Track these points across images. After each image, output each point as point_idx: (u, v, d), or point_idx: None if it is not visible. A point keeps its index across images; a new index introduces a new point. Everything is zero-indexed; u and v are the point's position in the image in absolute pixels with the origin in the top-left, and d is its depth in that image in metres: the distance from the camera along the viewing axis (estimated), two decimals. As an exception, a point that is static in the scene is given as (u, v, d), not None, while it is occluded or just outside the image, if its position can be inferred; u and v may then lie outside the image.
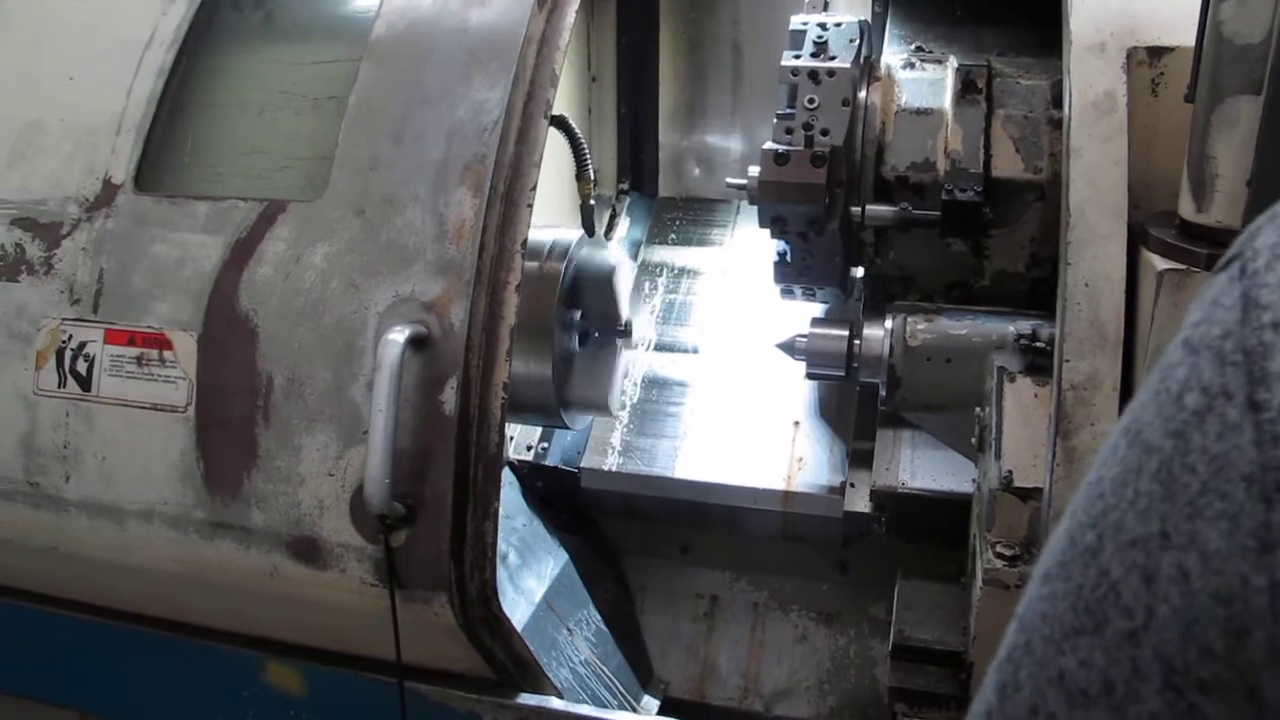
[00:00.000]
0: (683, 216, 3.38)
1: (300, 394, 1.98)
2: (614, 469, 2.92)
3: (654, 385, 3.05)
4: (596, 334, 2.53)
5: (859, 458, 2.76)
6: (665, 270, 3.27)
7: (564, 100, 2.89)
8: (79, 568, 2.21)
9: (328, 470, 1.97)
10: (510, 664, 2.15)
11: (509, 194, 1.98)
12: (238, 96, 2.22)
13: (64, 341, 2.12)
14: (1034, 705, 0.54)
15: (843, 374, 2.47)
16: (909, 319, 2.34)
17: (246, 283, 2.03)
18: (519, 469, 2.95)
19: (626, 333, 2.51)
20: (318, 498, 1.98)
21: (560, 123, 2.48)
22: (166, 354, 2.05)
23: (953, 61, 2.60)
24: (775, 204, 2.46)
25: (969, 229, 2.45)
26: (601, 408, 2.60)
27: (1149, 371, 0.57)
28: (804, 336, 2.52)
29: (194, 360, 2.04)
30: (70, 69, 2.22)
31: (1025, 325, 2.25)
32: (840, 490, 2.76)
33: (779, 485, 2.83)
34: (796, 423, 2.92)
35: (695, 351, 3.12)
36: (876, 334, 2.37)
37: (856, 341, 2.44)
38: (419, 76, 2.04)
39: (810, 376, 2.63)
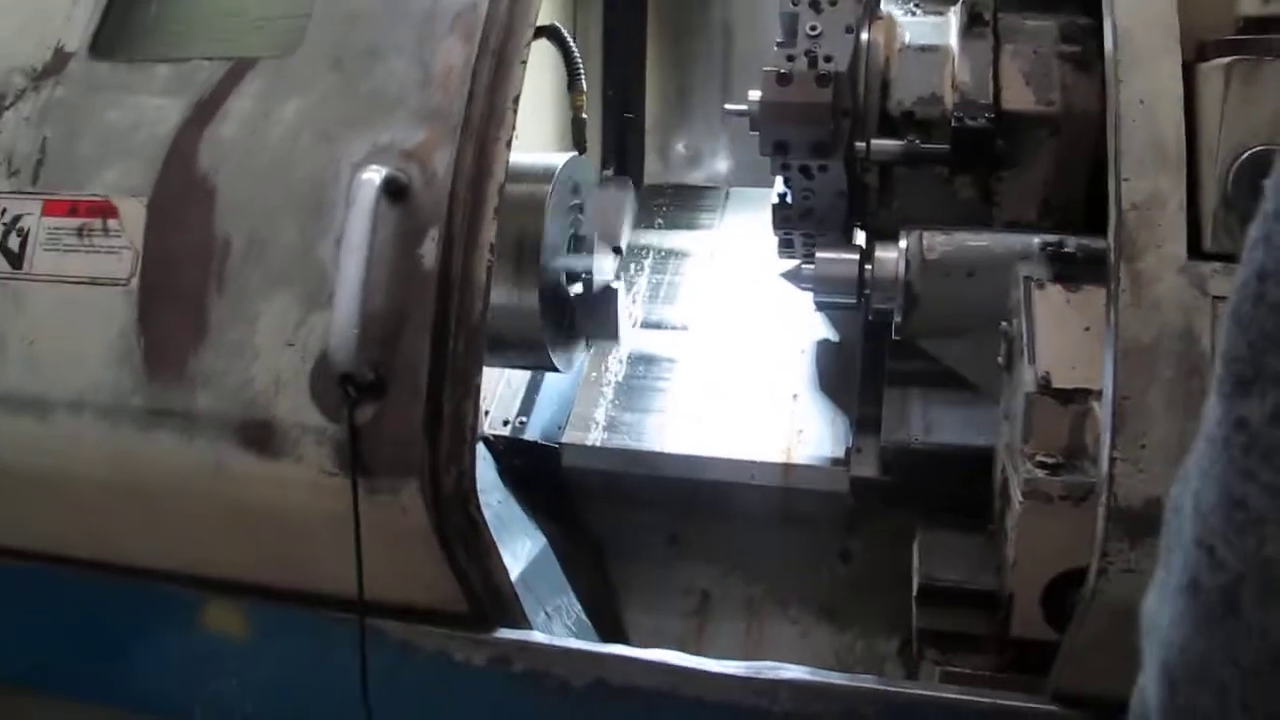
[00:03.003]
0: (670, 203, 3.25)
1: (260, 257, 1.77)
2: (598, 444, 2.68)
3: (641, 361, 2.86)
4: (590, 259, 2.33)
5: (865, 424, 2.54)
6: (652, 252, 3.10)
7: (547, 86, 2.76)
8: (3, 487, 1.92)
9: (286, 339, 1.74)
10: (485, 592, 1.87)
11: (501, 49, 1.81)
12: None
13: (-3, 217, 1.88)
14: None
15: (853, 301, 2.29)
16: (925, 233, 2.16)
17: (207, 142, 1.84)
18: (494, 444, 2.71)
19: (619, 252, 2.32)
20: (274, 372, 1.74)
21: (551, 32, 2.34)
22: (111, 222, 1.83)
23: (956, 8, 2.50)
24: (778, 127, 2.30)
25: (980, 162, 2.31)
26: (607, 336, 2.42)
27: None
28: (810, 262, 2.34)
29: (141, 228, 1.82)
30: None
31: (1051, 236, 2.08)
32: (845, 461, 2.52)
33: (778, 458, 2.59)
34: (795, 395, 2.71)
35: (684, 329, 2.92)
36: (890, 254, 2.20)
37: (868, 267, 2.25)
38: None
39: (819, 306, 2.46)
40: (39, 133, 1.92)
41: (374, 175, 1.66)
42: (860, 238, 2.57)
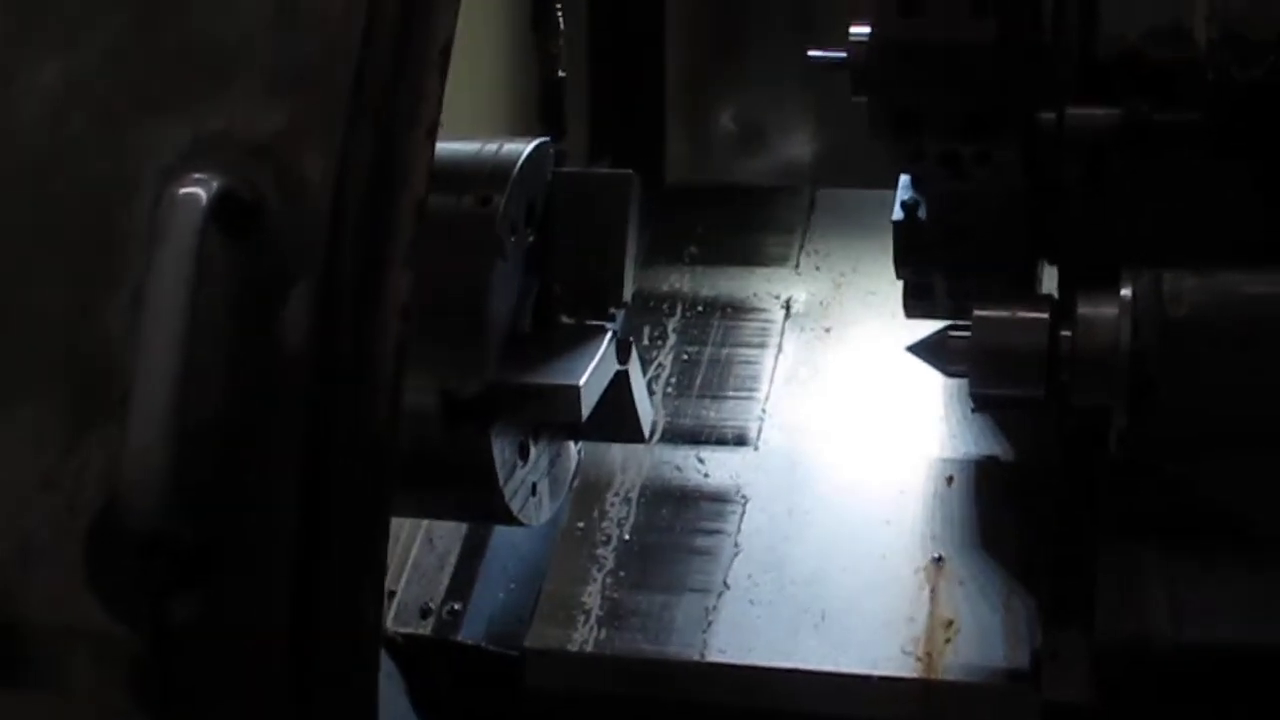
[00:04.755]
0: (710, 217, 3.32)
1: (7, 337, 1.79)
2: (588, 648, 2.72)
3: (663, 500, 2.91)
4: (573, 311, 2.37)
5: (1065, 611, 2.56)
6: (680, 306, 3.17)
7: (494, 20, 2.82)
8: None
9: (41, 478, 1.75)
10: None
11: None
12: None
13: None
14: None
15: (1040, 393, 2.30)
16: (1166, 276, 2.20)
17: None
18: (404, 649, 2.72)
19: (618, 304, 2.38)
20: (18, 536, 1.75)
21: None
22: None
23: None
24: (904, 85, 2.34)
25: (1260, 139, 2.34)
26: (623, 436, 2.49)
27: None
28: (962, 332, 2.37)
29: None
30: None
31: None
32: (1032, 675, 2.55)
33: (910, 671, 2.62)
34: (938, 558, 2.73)
35: (740, 445, 2.96)
36: (1106, 311, 2.22)
37: (1065, 333, 2.28)
38: None
39: (979, 403, 2.46)
40: None
41: (197, 190, 1.68)
42: (1050, 279, 2.62)
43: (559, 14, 2.52)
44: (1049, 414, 2.47)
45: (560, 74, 2.57)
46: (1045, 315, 2.34)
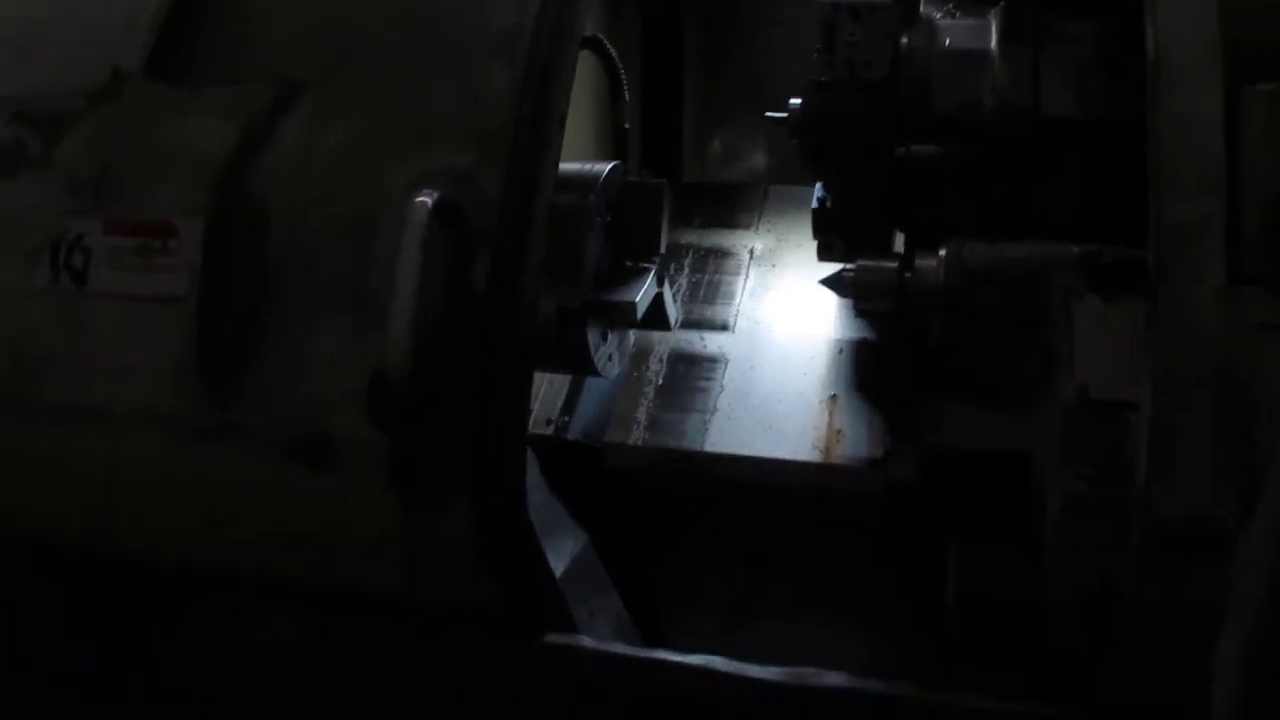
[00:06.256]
0: (709, 201, 3.26)
1: (315, 278, 1.83)
2: (639, 443, 2.73)
3: (681, 361, 2.89)
4: (631, 258, 2.38)
5: (901, 426, 2.57)
6: (691, 251, 3.14)
7: (585, 86, 2.77)
8: (60, 490, 1.99)
9: (342, 359, 1.79)
10: (533, 600, 1.92)
11: (546, 69, 1.84)
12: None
13: (60, 235, 1.94)
14: None
15: (893, 308, 2.30)
16: (966, 242, 2.17)
17: (259, 166, 1.89)
18: (537, 444, 2.73)
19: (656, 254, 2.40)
20: (329, 390, 1.80)
21: (593, 43, 2.36)
22: (171, 242, 1.89)
23: (995, 11, 2.50)
24: (818, 134, 2.32)
25: (1019, 167, 2.31)
26: (661, 326, 2.55)
27: None
28: (851, 269, 2.37)
29: (199, 248, 1.87)
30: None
31: (1090, 248, 2.09)
32: (881, 463, 2.56)
33: (818, 458, 2.63)
34: (834, 396, 2.73)
35: (726, 329, 2.95)
36: (931, 262, 2.21)
37: (907, 275, 2.27)
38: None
39: (859, 313, 2.47)
40: (98, 154, 1.97)
41: (426, 199, 1.70)
42: (900, 242, 2.60)
43: (625, 92, 2.51)
44: (898, 319, 2.43)
45: (626, 125, 2.58)
46: (895, 265, 2.33)
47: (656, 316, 2.58)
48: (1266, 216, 1.52)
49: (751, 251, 3.16)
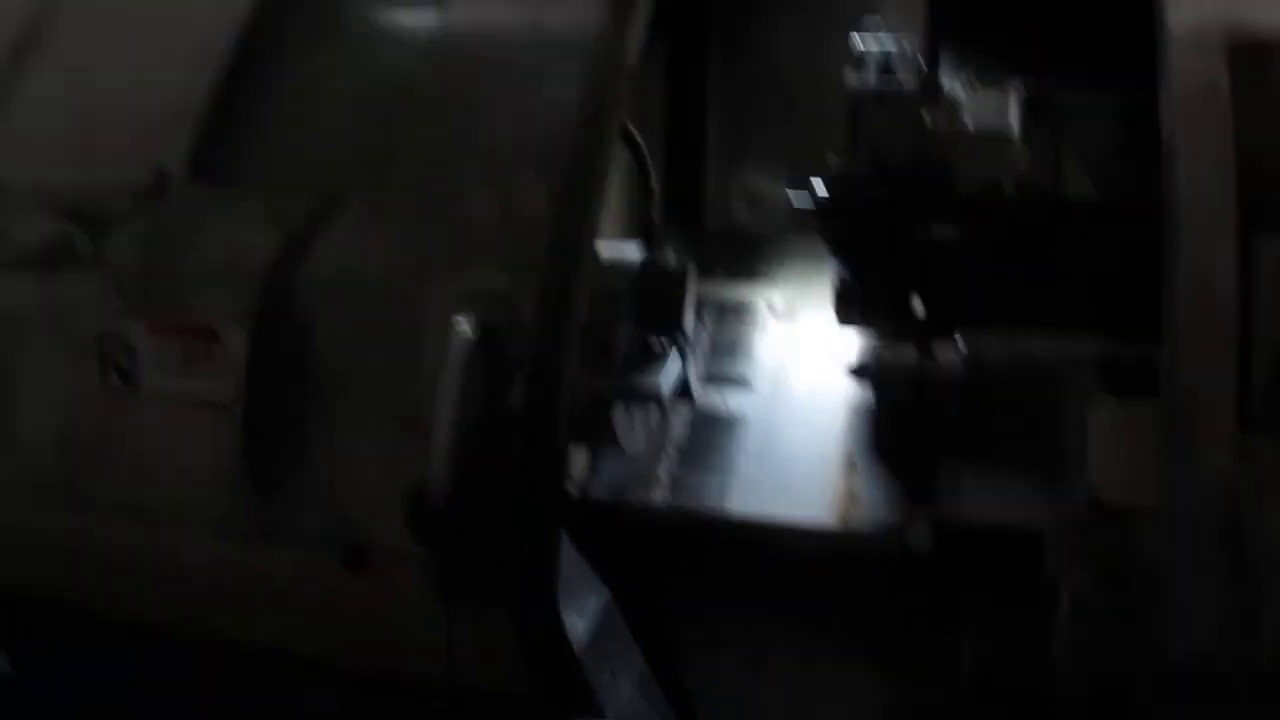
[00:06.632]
0: (728, 252, 3.29)
1: (356, 391, 1.89)
2: (661, 504, 2.78)
3: (702, 419, 2.93)
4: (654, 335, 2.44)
5: (917, 495, 2.61)
6: (712, 305, 3.17)
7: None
8: (113, 577, 2.08)
9: (383, 471, 1.86)
10: (564, 685, 2.01)
11: (580, 185, 1.89)
12: (298, 88, 2.15)
13: (108, 335, 2.01)
14: None
15: (913, 397, 2.36)
16: (985, 338, 2.24)
17: (302, 274, 1.94)
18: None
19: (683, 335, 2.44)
20: (370, 501, 1.87)
21: (623, 135, 2.41)
22: (215, 348, 1.95)
23: (1015, 86, 2.53)
24: (840, 225, 2.37)
25: (1038, 252, 2.36)
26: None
27: None
28: (872, 362, 2.42)
29: (243, 354, 1.94)
30: (131, 60, 2.16)
31: (1106, 345, 2.15)
32: (899, 530, 2.61)
33: (832, 522, 2.68)
34: (852, 462, 2.78)
35: (746, 386, 3.00)
36: (950, 355, 2.27)
37: (927, 363, 2.33)
38: (489, 68, 1.97)
39: (880, 401, 2.52)
40: (145, 255, 2.04)
41: (468, 327, 1.76)
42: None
43: (653, 182, 2.56)
44: (914, 395, 2.50)
45: (654, 214, 2.63)
46: (915, 355, 2.39)
47: (680, 389, 2.63)
48: (1277, 366, 1.57)
49: (771, 304, 3.19)
